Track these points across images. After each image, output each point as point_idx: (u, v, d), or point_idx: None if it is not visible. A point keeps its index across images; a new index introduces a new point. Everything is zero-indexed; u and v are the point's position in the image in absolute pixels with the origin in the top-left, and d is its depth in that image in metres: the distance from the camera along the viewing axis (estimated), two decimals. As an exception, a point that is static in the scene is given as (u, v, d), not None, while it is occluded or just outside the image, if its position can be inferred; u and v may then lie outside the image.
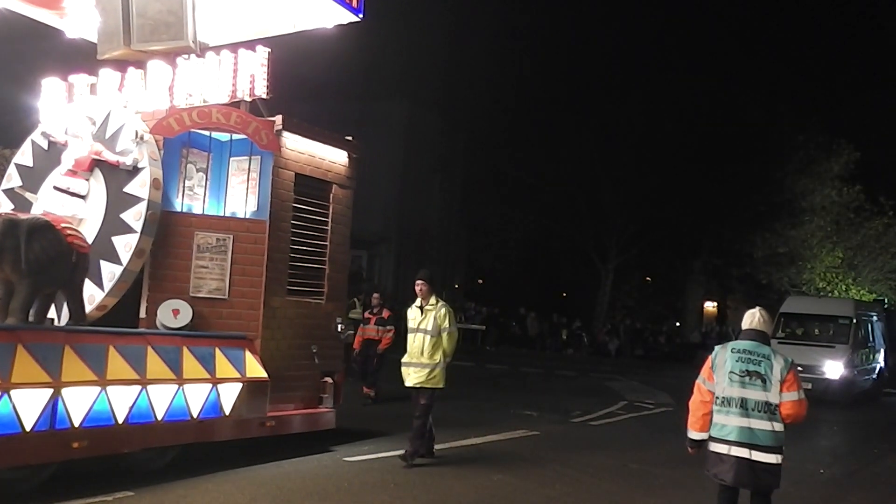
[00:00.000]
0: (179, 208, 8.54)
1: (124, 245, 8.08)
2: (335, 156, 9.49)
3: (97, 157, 8.38)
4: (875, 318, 21.35)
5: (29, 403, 6.10)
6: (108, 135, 8.55)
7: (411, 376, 8.60)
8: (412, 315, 8.75)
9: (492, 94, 34.13)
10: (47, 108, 9.24)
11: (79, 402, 6.46)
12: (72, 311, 7.50)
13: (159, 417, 7.13)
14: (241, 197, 8.73)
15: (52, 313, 7.70)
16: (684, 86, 29.25)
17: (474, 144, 35.88)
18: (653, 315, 36.83)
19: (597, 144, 30.83)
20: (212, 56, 8.48)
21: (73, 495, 6.39)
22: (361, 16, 9.30)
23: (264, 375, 8.13)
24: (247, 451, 8.24)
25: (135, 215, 8.12)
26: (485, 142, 34.54)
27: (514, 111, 33.77)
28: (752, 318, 5.85)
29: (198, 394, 7.49)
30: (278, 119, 8.62)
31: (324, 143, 9.30)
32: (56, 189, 8.40)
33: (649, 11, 33.28)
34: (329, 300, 9.41)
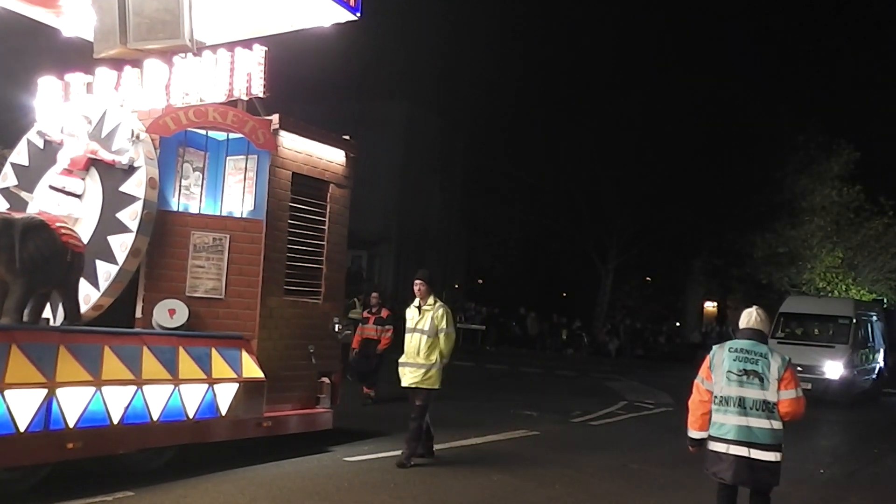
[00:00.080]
0: (176, 207, 8.49)
1: (120, 244, 8.03)
2: (332, 155, 9.45)
3: (93, 156, 8.33)
4: (875, 318, 21.31)
5: (23, 404, 6.06)
6: (104, 134, 8.52)
7: (407, 376, 8.58)
8: (410, 315, 8.73)
9: (492, 94, 34.18)
10: (43, 107, 9.20)
11: (74, 402, 6.42)
12: (67, 310, 7.47)
13: (155, 418, 7.09)
14: (237, 196, 8.69)
15: (48, 313, 7.67)
16: (684, 85, 29.28)
17: (474, 144, 35.91)
18: (653, 315, 36.85)
19: (597, 144, 30.81)
20: (208, 55, 8.45)
21: (74, 495, 6.37)
22: (359, 15, 9.28)
23: (261, 376, 8.10)
24: (247, 451, 8.20)
25: (131, 214, 8.07)
26: (485, 142, 34.58)
27: (514, 111, 33.80)
28: (749, 317, 5.85)
29: (194, 394, 7.45)
30: (275, 118, 8.59)
31: (321, 143, 9.25)
32: (52, 188, 8.35)
33: (649, 11, 33.34)
34: (326, 300, 9.36)
